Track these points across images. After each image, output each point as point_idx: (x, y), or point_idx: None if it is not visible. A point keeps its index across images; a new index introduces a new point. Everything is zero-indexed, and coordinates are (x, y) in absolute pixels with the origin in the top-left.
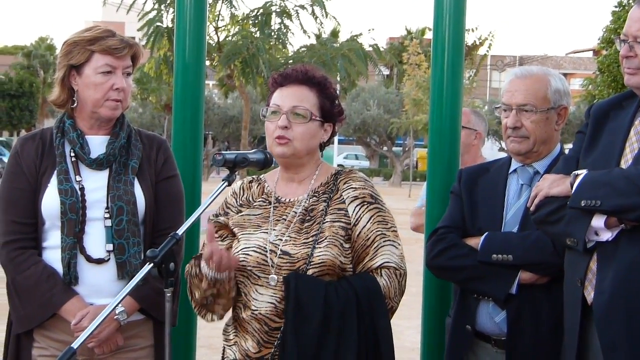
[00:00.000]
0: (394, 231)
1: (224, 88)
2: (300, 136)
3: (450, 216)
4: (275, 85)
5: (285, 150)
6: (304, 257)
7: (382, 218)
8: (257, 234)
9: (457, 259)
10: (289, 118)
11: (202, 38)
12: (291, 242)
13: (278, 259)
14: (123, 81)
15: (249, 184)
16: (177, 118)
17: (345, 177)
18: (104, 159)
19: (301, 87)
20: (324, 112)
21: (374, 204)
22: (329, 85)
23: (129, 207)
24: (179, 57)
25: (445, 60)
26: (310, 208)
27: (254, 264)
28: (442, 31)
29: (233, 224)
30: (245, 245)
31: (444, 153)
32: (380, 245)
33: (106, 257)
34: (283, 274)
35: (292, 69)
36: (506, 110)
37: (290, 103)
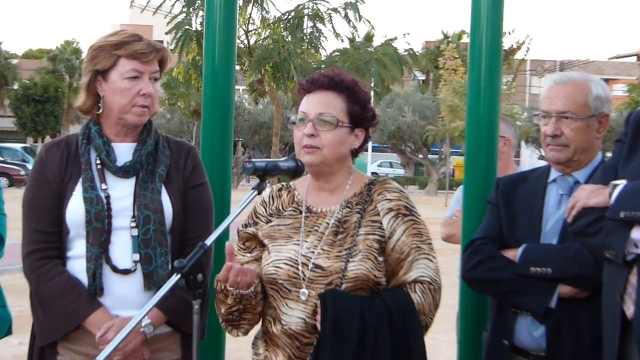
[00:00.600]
0: (429, 244)
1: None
2: (328, 143)
3: (487, 227)
4: (302, 91)
5: (312, 159)
6: (338, 271)
7: (417, 230)
8: (288, 245)
9: (494, 272)
10: (316, 125)
11: (232, 42)
12: (324, 255)
13: (310, 272)
14: (150, 86)
15: (279, 192)
16: (206, 124)
17: (379, 188)
18: (131, 167)
19: (328, 93)
20: (354, 118)
21: (409, 215)
22: (359, 89)
23: (156, 215)
24: (208, 62)
25: (482, 65)
26: (343, 219)
27: (284, 277)
28: (479, 34)
29: (263, 234)
30: (276, 258)
31: (480, 161)
32: (415, 258)
33: (132, 267)
34: (315, 288)
35: (319, 74)
36: (545, 118)
37: (316, 110)
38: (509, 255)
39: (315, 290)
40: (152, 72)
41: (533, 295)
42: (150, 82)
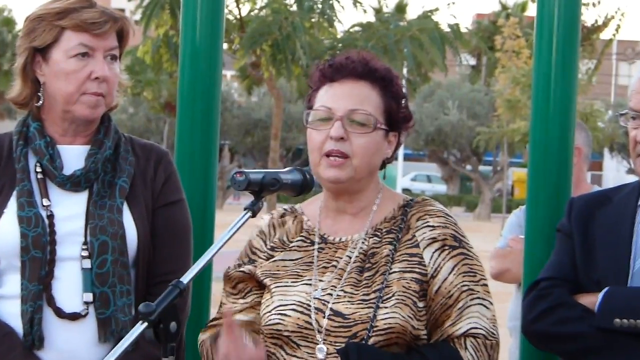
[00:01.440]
0: (484, 285)
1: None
2: (361, 151)
3: (556, 263)
4: (323, 79)
5: (339, 174)
6: (365, 319)
7: (469, 268)
8: (298, 286)
9: (566, 324)
10: (346, 126)
11: (219, 12)
12: (346, 299)
13: (327, 321)
14: (105, 67)
15: (281, 219)
16: (183, 122)
17: (418, 211)
18: (82, 177)
19: (360, 84)
20: (389, 118)
21: (458, 248)
22: (395, 80)
23: (116, 242)
24: (186, 38)
25: (553, 47)
26: (370, 252)
27: (292, 327)
28: (549, 5)
29: (262, 272)
30: (282, 303)
31: (549, 175)
32: (467, 304)
33: (83, 311)
34: (334, 342)
35: (346, 58)
36: (635, 119)
37: (346, 105)
38: (585, 301)
39: (334, 345)
40: (108, 49)
41: (617, 356)
42: (105, 61)
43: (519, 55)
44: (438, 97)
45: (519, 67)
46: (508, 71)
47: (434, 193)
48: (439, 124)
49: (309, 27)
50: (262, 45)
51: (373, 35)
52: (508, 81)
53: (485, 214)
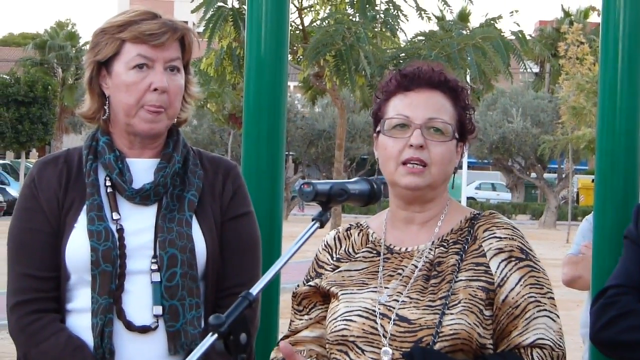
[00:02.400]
0: (550, 298)
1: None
2: (439, 159)
3: (624, 271)
4: (397, 88)
5: (418, 181)
6: (430, 325)
7: (536, 280)
8: (363, 293)
9: (634, 332)
10: (425, 134)
11: (284, 22)
12: (411, 305)
13: (393, 326)
14: (164, 78)
15: (347, 233)
16: (249, 134)
17: (485, 223)
18: (151, 190)
19: (435, 93)
20: (460, 128)
21: (525, 260)
22: (464, 91)
23: (185, 255)
24: (252, 50)
25: (619, 53)
26: (436, 261)
27: (358, 332)
28: (615, 11)
29: (328, 283)
30: (348, 309)
31: (617, 182)
32: (534, 316)
33: (153, 324)
34: (399, 347)
35: (419, 68)
36: None
37: (425, 114)
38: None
39: (399, 350)
40: (168, 60)
41: None
42: (165, 73)
43: (583, 61)
44: (502, 105)
45: (583, 73)
46: (572, 78)
47: (498, 201)
48: (503, 132)
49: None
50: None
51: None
52: (572, 88)
53: (551, 221)
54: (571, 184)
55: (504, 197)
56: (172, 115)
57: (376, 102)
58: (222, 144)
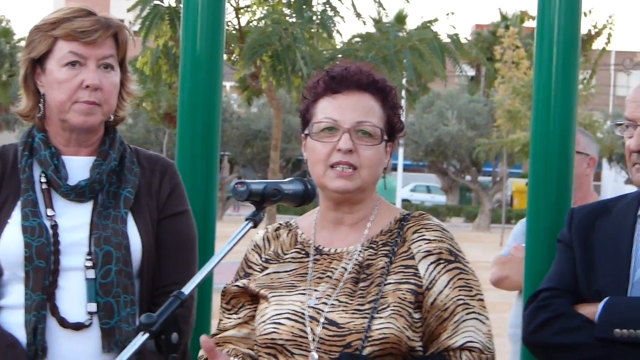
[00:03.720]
0: (480, 300)
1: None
2: (369, 163)
3: (557, 274)
4: (325, 90)
5: (348, 185)
6: (359, 329)
7: (465, 282)
8: (292, 295)
9: (567, 334)
10: (353, 138)
11: (220, 22)
12: (340, 308)
13: (322, 330)
14: (96, 76)
15: (276, 233)
16: (184, 133)
17: (415, 224)
18: (87, 187)
19: (364, 96)
20: (389, 128)
21: (454, 262)
22: (393, 90)
23: (120, 252)
24: (187, 49)
25: (554, 57)
26: (365, 263)
27: (287, 336)
28: (550, 15)
29: (257, 285)
30: (276, 312)
31: (550, 185)
32: (463, 318)
33: (87, 321)
34: (328, 351)
35: (346, 69)
36: (629, 128)
37: (353, 117)
38: (586, 312)
39: (328, 354)
40: (102, 58)
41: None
42: (99, 70)
43: (519, 65)
44: (437, 107)
45: (518, 77)
46: (508, 82)
47: (433, 204)
48: (439, 135)
49: (309, 38)
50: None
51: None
52: (508, 92)
53: (485, 224)
54: (505, 187)
55: (438, 200)
56: (107, 112)
57: (304, 102)
58: (157, 143)
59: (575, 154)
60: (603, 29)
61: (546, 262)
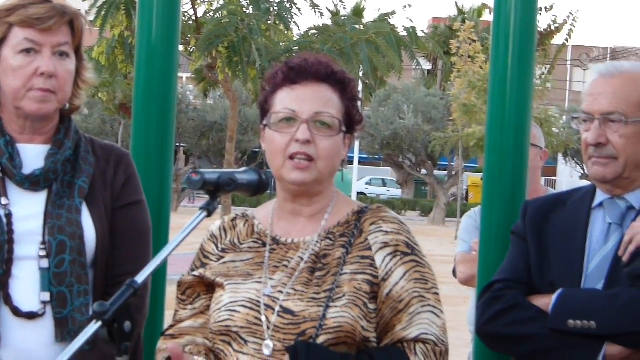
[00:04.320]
0: (435, 293)
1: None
2: (326, 154)
3: (510, 266)
4: (284, 81)
5: (305, 176)
6: (314, 317)
7: (421, 275)
8: (248, 284)
9: (520, 325)
10: (311, 129)
11: (176, 12)
12: (296, 297)
13: (277, 318)
14: (51, 63)
15: (233, 223)
16: (139, 124)
17: (372, 216)
18: (42, 176)
19: (322, 87)
20: (348, 120)
21: (411, 255)
22: (351, 82)
23: (74, 242)
24: (142, 39)
25: (510, 52)
26: (322, 254)
27: (242, 323)
28: (506, 10)
29: (212, 273)
30: (232, 299)
31: (505, 179)
32: (418, 311)
33: (40, 310)
34: (282, 339)
35: (305, 60)
36: (587, 122)
37: (311, 108)
38: (539, 303)
39: (282, 342)
40: (57, 45)
41: (570, 357)
42: (54, 57)
43: (475, 59)
44: (394, 101)
45: (474, 71)
46: (464, 76)
47: (389, 197)
48: (395, 128)
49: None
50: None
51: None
52: (464, 86)
53: (440, 218)
54: (461, 181)
55: (394, 193)
56: (62, 100)
57: (263, 93)
58: (113, 133)
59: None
60: (564, 24)
61: (500, 255)
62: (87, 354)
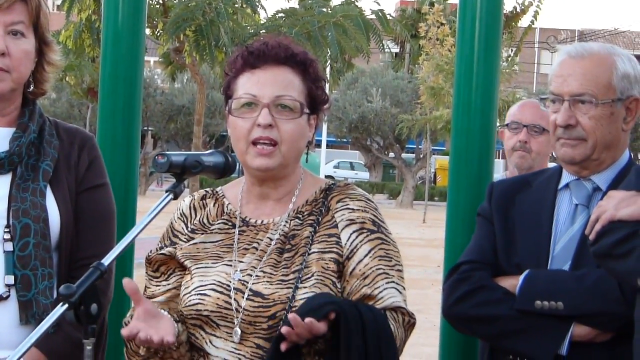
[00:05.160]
0: (398, 271)
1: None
2: (289, 137)
3: (477, 247)
4: (244, 66)
5: (269, 162)
6: (284, 300)
7: (386, 252)
8: (218, 266)
9: (486, 307)
10: (273, 113)
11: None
12: (265, 279)
13: (247, 301)
14: (2, 42)
15: (202, 202)
16: (105, 107)
17: (339, 194)
18: (6, 159)
19: (282, 69)
20: (311, 101)
21: (376, 232)
22: (313, 63)
23: (38, 225)
24: (108, 22)
25: (476, 34)
26: (291, 234)
27: (212, 307)
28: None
29: (182, 255)
30: (202, 283)
31: (472, 160)
32: (383, 286)
33: (5, 293)
34: (253, 322)
35: (265, 44)
36: (555, 103)
37: (272, 92)
38: (506, 284)
39: (253, 325)
40: (10, 24)
41: (538, 338)
42: (7, 37)
43: (443, 43)
44: (362, 84)
45: (442, 54)
46: (431, 59)
47: (356, 180)
48: (363, 112)
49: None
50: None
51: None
52: (431, 69)
53: (408, 201)
54: (429, 164)
55: (362, 176)
56: (17, 79)
57: (226, 78)
58: (80, 117)
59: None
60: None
61: (467, 236)
62: (52, 336)
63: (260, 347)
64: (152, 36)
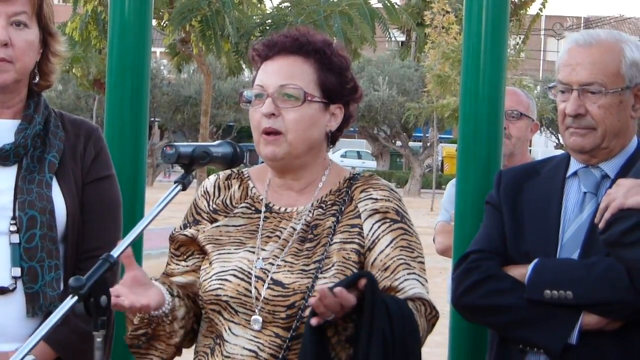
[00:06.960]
0: (420, 262)
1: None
2: (293, 126)
3: (485, 236)
4: (258, 58)
5: (275, 151)
6: (303, 289)
7: (408, 243)
8: (240, 253)
9: (496, 296)
10: (277, 101)
11: None
12: (286, 269)
13: (267, 290)
14: (5, 32)
15: (227, 182)
16: (113, 99)
17: (363, 184)
18: (11, 151)
19: (292, 58)
20: (328, 90)
21: (399, 222)
22: (335, 51)
23: (45, 217)
24: (115, 13)
25: (483, 22)
26: (314, 224)
27: (232, 293)
28: None
29: (204, 238)
30: (223, 269)
31: (480, 148)
32: (405, 277)
33: (11, 285)
34: (272, 310)
35: (278, 35)
36: (564, 92)
37: (276, 81)
38: (515, 273)
39: (272, 314)
40: (13, 14)
41: (547, 327)
42: (10, 28)
43: (449, 30)
44: (368, 73)
45: (448, 42)
46: (438, 47)
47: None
48: (369, 100)
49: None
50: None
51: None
52: (437, 57)
53: (415, 189)
54: (436, 152)
55: (369, 165)
56: (21, 70)
57: (254, 74)
58: (87, 109)
59: (522, 119)
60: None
61: (475, 225)
62: (59, 328)
63: (278, 336)
64: (158, 27)
